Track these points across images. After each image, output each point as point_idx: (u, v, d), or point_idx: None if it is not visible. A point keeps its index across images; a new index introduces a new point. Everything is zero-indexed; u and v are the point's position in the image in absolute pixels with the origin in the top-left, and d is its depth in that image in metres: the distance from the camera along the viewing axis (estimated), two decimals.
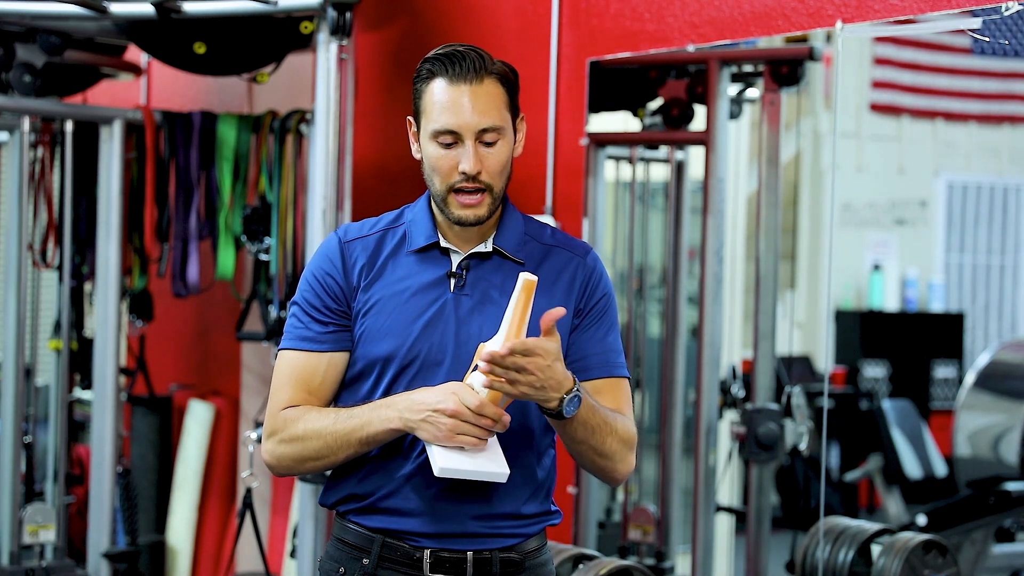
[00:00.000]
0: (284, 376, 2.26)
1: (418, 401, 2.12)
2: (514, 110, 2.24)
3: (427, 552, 2.21)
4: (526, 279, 2.07)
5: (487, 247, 2.26)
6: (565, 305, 2.25)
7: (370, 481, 2.24)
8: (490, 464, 2.11)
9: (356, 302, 2.25)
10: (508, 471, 2.11)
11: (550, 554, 2.35)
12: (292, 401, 2.24)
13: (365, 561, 2.24)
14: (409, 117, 2.27)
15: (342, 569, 2.25)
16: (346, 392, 2.28)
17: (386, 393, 2.22)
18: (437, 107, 2.18)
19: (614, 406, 2.25)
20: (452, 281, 2.24)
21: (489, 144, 2.19)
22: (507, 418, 2.10)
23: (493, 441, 2.14)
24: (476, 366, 2.10)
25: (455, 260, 2.26)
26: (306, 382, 2.25)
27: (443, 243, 2.26)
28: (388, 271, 2.25)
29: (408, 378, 2.21)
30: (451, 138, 2.18)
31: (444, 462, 2.10)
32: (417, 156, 2.26)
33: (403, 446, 2.21)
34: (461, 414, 2.08)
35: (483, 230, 2.26)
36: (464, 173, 2.17)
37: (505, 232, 2.27)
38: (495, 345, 2.07)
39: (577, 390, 2.10)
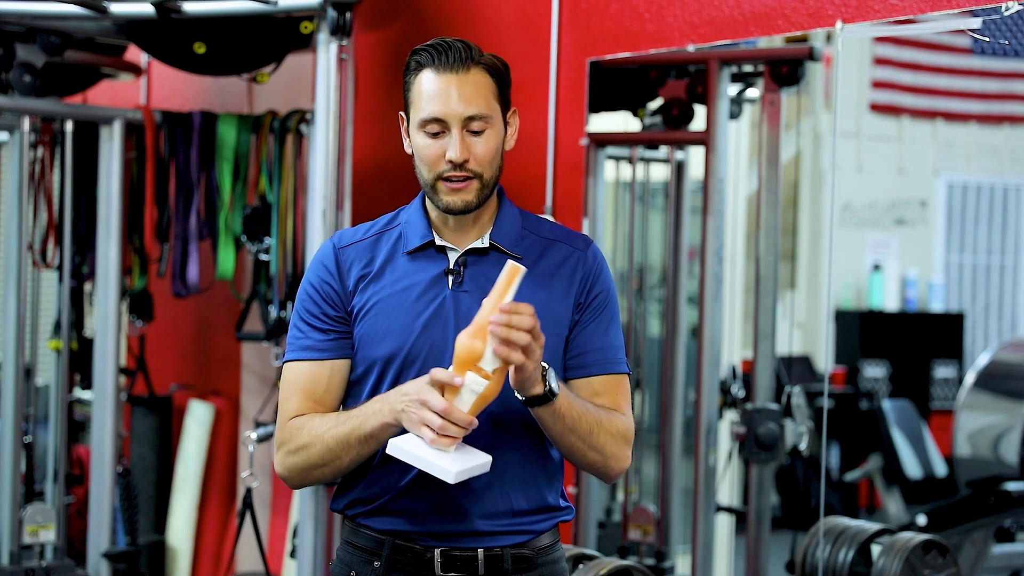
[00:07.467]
0: (289, 387, 2.26)
1: (403, 391, 2.11)
2: (504, 102, 2.23)
3: (438, 552, 2.21)
4: (511, 265, 2.06)
5: (484, 243, 2.25)
6: (565, 300, 2.24)
7: (376, 485, 2.24)
8: (441, 460, 2.06)
9: (352, 305, 2.24)
10: (456, 473, 2.05)
11: (563, 551, 2.34)
12: (299, 411, 2.24)
13: (376, 564, 2.23)
14: (401, 112, 2.26)
15: (353, 573, 2.25)
16: (349, 396, 2.28)
17: None
18: (424, 97, 2.18)
19: (612, 404, 2.24)
20: (450, 278, 2.23)
21: (476, 133, 2.18)
22: (475, 423, 2.06)
23: (467, 447, 2.10)
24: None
25: (452, 257, 2.25)
26: (311, 391, 2.25)
27: (439, 241, 2.25)
28: (385, 273, 2.24)
29: (410, 377, 2.19)
30: (438, 127, 2.17)
31: (399, 441, 2.08)
32: (408, 150, 2.25)
33: None
34: (429, 403, 2.04)
35: (479, 225, 2.26)
36: (451, 161, 2.16)
37: (502, 227, 2.26)
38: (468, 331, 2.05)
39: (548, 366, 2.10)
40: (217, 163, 4.24)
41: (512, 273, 2.05)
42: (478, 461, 2.10)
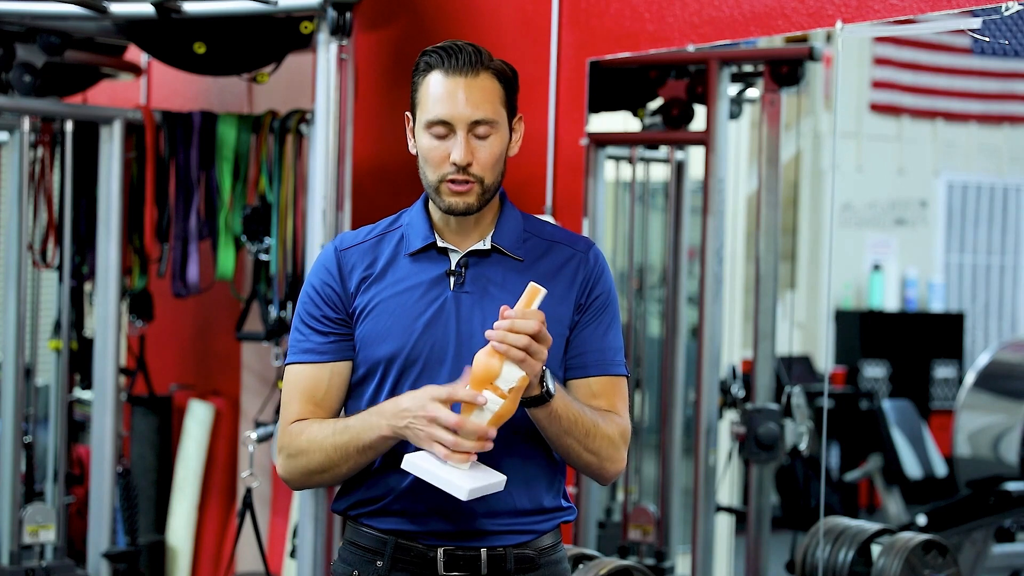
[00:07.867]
0: (290, 390, 2.27)
1: (402, 408, 2.12)
2: (511, 108, 2.24)
3: (440, 551, 2.21)
4: (533, 285, 2.08)
5: (486, 244, 2.26)
6: (566, 301, 2.25)
7: (377, 487, 2.24)
8: (454, 477, 2.06)
9: (354, 307, 2.25)
10: (469, 491, 2.06)
11: (565, 552, 2.34)
12: (300, 415, 2.25)
13: (379, 563, 2.23)
14: (407, 112, 2.27)
15: (356, 572, 2.25)
16: (351, 398, 2.28)
17: (391, 394, 2.21)
18: (432, 98, 2.18)
19: (609, 405, 2.25)
20: (452, 279, 2.24)
21: (481, 137, 2.19)
22: (492, 433, 2.07)
23: (481, 465, 2.11)
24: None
25: (454, 259, 2.25)
26: (311, 394, 2.25)
27: (440, 243, 2.26)
28: (387, 274, 2.25)
29: (412, 378, 2.21)
30: (444, 129, 2.18)
31: (415, 457, 2.09)
32: (413, 151, 2.26)
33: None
34: (439, 420, 2.06)
35: (481, 227, 2.26)
36: (455, 164, 2.17)
37: (503, 229, 2.27)
38: (484, 352, 2.06)
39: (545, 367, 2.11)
40: (217, 163, 4.24)
41: (532, 293, 2.07)
42: (492, 479, 2.11)
